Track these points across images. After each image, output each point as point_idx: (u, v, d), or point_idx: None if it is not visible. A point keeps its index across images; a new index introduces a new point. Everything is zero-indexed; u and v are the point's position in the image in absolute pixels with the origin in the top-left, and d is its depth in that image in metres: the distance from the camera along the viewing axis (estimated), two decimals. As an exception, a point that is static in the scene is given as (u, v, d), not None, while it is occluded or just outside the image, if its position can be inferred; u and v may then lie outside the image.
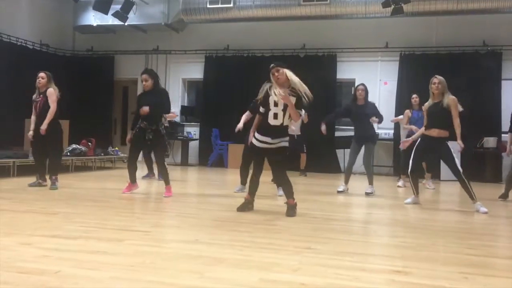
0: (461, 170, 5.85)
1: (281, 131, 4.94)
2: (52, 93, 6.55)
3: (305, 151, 10.50)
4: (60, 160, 7.14)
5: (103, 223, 4.26)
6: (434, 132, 5.98)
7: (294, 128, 10.39)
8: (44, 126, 6.45)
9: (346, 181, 7.28)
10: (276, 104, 4.87)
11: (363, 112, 7.10)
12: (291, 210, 4.92)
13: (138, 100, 6.26)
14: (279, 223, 4.52)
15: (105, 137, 12.98)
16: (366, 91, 7.22)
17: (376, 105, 11.35)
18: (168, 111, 6.43)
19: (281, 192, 6.28)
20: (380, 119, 7.21)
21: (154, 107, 6.01)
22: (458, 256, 3.46)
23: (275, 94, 4.82)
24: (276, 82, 4.87)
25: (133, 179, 6.28)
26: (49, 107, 6.51)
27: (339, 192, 7.23)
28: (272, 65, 4.96)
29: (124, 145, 13.69)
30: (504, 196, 7.14)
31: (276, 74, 4.87)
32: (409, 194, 6.46)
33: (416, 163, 6.16)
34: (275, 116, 4.88)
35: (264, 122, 4.96)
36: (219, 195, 6.67)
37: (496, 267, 3.20)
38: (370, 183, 7.16)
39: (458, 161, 5.90)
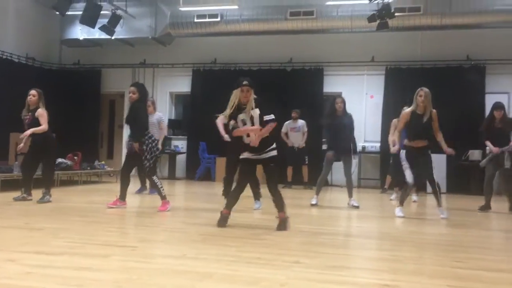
0: (436, 180, 6.15)
1: (261, 143, 4.87)
2: (42, 114, 6.51)
3: (306, 163, 10.57)
4: (52, 174, 7.06)
5: (88, 238, 4.20)
6: (418, 144, 6.12)
7: (292, 141, 10.55)
8: (27, 133, 6.39)
9: (318, 193, 7.28)
10: (245, 123, 4.91)
11: (342, 123, 7.12)
12: (282, 224, 4.87)
13: None
14: (267, 237, 4.50)
15: (92, 151, 12.88)
16: (344, 103, 7.23)
17: (363, 118, 11.64)
18: (142, 129, 6.19)
19: (257, 205, 6.40)
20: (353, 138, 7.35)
21: (129, 122, 6.20)
22: (445, 269, 3.47)
23: (245, 115, 4.87)
24: (242, 99, 4.85)
25: (123, 195, 6.25)
26: (36, 125, 6.46)
27: (312, 205, 7.20)
28: (245, 82, 4.84)
29: (111, 159, 13.64)
30: (485, 208, 7.19)
31: (246, 93, 4.83)
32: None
33: (412, 170, 6.19)
34: (247, 134, 4.91)
35: (241, 141, 5.00)
36: (207, 209, 6.63)
37: (483, 280, 3.21)
38: (352, 195, 7.21)
39: (434, 171, 6.16)
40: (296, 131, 10.71)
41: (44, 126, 6.46)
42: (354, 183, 11.56)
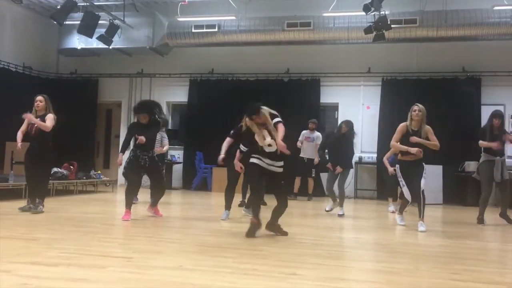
0: (422, 188, 6.04)
1: (277, 155, 5.12)
2: (50, 117, 6.50)
3: (313, 175, 10.53)
4: (47, 184, 7.00)
5: (84, 249, 4.18)
6: (412, 158, 6.12)
7: (304, 151, 10.53)
8: (38, 121, 6.34)
9: (334, 199, 7.55)
10: (264, 138, 5.08)
11: (345, 140, 7.37)
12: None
13: (132, 129, 6.38)
14: (265, 248, 4.48)
15: (88, 160, 12.84)
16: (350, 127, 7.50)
17: (359, 128, 11.68)
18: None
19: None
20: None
21: (149, 139, 6.23)
22: (443, 282, 3.47)
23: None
24: (257, 125, 5.08)
25: (129, 204, 6.21)
26: (42, 131, 6.42)
27: (327, 211, 7.52)
28: (247, 112, 5.09)
29: (107, 168, 13.59)
30: (481, 221, 7.17)
31: (256, 119, 5.07)
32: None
33: (409, 187, 6.22)
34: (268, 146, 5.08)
35: (262, 150, 5.13)
36: (203, 219, 6.61)
37: (480, 292, 3.22)
38: (342, 205, 7.42)
39: (424, 181, 6.06)
40: (310, 141, 10.54)
41: (48, 124, 6.40)
42: (351, 194, 11.66)
